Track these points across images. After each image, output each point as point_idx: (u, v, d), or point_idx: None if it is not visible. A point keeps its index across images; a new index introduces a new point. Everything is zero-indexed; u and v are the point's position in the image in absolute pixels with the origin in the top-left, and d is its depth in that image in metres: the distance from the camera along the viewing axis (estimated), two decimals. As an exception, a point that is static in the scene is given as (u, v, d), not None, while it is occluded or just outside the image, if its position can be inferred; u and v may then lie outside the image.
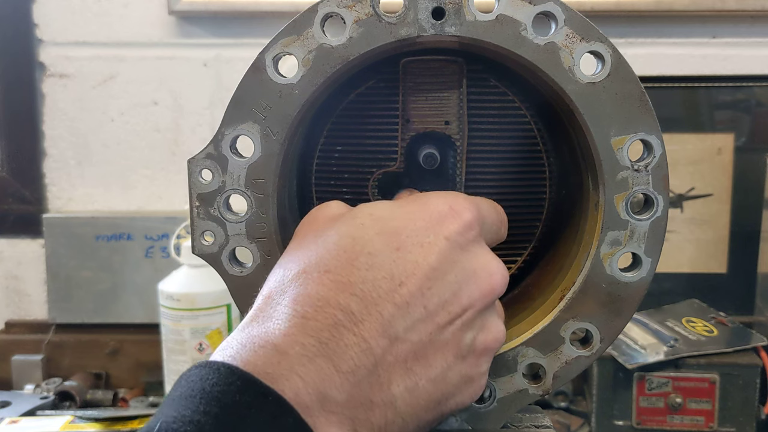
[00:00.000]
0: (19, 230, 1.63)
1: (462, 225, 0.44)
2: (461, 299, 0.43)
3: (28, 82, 1.58)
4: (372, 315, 0.40)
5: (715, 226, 1.58)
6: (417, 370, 0.41)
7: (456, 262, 0.43)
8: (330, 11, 0.48)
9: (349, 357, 0.39)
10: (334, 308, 0.40)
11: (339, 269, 0.41)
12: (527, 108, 0.57)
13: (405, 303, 0.41)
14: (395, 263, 0.42)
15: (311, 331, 0.39)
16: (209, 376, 0.37)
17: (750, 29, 1.53)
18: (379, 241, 0.42)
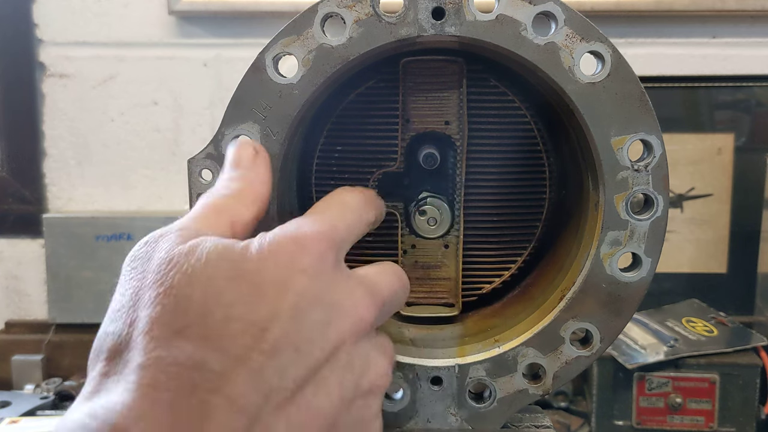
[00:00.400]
0: (19, 230, 1.63)
1: (316, 256, 0.40)
2: (330, 335, 0.39)
3: (28, 82, 1.58)
4: (237, 369, 0.35)
5: (715, 226, 1.58)
6: (303, 422, 0.37)
7: (317, 296, 0.39)
8: (330, 11, 0.48)
9: (215, 424, 0.34)
10: (190, 370, 0.35)
11: (192, 326, 0.36)
12: (527, 108, 0.57)
13: (273, 349, 0.37)
14: (254, 309, 0.37)
15: (163, 403, 0.34)
16: None
17: (750, 29, 1.53)
18: (232, 287, 0.37)
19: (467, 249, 0.59)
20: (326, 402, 0.38)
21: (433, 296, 0.59)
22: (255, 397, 0.35)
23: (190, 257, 0.38)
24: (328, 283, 0.40)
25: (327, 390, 0.39)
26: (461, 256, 0.58)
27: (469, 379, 0.53)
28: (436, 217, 0.57)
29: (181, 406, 0.34)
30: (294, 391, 0.37)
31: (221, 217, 0.44)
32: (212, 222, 0.43)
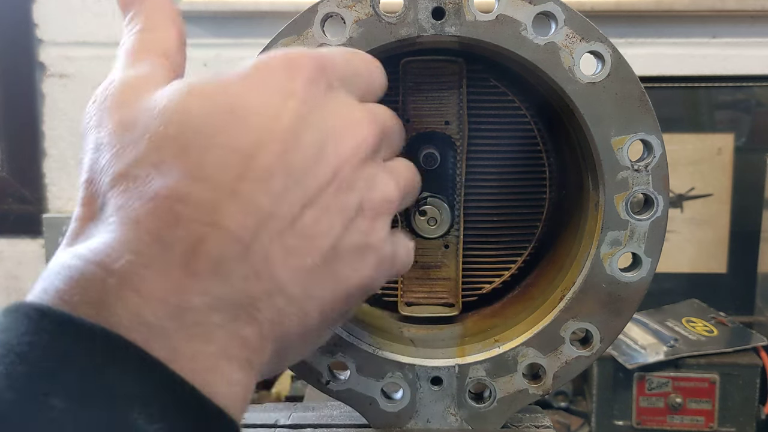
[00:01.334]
0: (19, 230, 1.63)
1: (306, 77, 0.37)
2: (328, 159, 0.37)
3: (28, 82, 1.58)
4: (226, 197, 0.33)
5: (715, 226, 1.58)
6: (301, 247, 0.35)
7: (309, 120, 0.36)
8: (330, 11, 0.48)
9: (206, 252, 0.32)
10: (174, 202, 0.32)
11: (170, 160, 0.33)
12: (527, 108, 0.57)
13: (264, 176, 0.34)
14: (242, 135, 0.34)
15: (147, 235, 0.31)
16: (14, 325, 0.29)
17: (750, 29, 1.53)
18: (218, 114, 0.35)
19: (467, 249, 0.59)
20: (326, 226, 0.36)
21: (433, 296, 0.59)
22: (248, 223, 0.33)
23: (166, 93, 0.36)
24: (322, 105, 0.37)
25: (328, 214, 0.36)
26: (461, 256, 0.58)
27: (469, 379, 0.53)
28: (436, 217, 0.57)
29: (169, 237, 0.32)
30: (292, 217, 0.35)
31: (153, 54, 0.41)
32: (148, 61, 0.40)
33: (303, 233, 0.35)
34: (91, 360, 0.28)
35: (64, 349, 0.28)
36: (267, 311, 0.34)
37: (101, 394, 0.28)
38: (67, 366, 0.28)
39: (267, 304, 0.34)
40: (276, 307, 0.34)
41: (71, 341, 0.28)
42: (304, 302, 0.36)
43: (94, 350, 0.28)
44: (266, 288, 0.34)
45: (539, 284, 0.59)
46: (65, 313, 0.29)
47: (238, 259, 0.33)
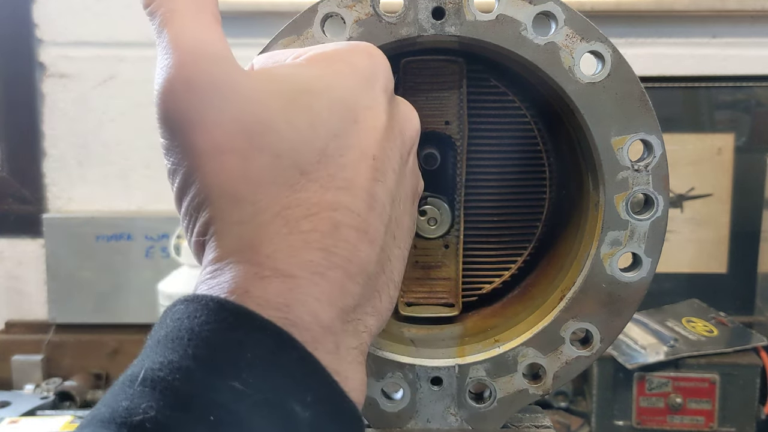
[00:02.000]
0: (19, 230, 1.63)
1: (387, 73, 0.41)
2: (407, 144, 0.41)
3: (28, 82, 1.58)
4: (364, 201, 0.36)
5: (715, 226, 1.58)
6: (399, 235, 0.39)
7: (394, 111, 0.40)
8: (330, 11, 0.48)
9: (358, 257, 0.35)
10: (328, 210, 0.35)
11: (314, 164, 0.35)
12: (527, 108, 0.57)
13: (382, 175, 0.37)
14: (360, 138, 0.37)
15: (316, 243, 0.34)
16: (197, 312, 0.32)
17: (750, 29, 1.53)
18: (335, 119, 0.36)
19: (467, 249, 0.59)
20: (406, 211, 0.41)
21: (433, 296, 0.59)
22: (379, 222, 0.37)
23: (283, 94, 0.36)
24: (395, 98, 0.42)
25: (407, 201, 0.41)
26: (461, 256, 0.58)
27: (469, 379, 0.53)
28: (436, 217, 0.57)
29: (331, 246, 0.35)
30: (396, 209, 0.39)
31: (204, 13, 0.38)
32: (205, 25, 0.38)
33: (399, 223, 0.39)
34: (262, 350, 0.31)
35: (240, 338, 0.31)
36: (385, 299, 0.38)
37: (268, 380, 0.31)
38: (242, 353, 0.31)
39: (385, 293, 0.38)
40: (389, 295, 0.38)
41: (245, 332, 0.32)
42: (399, 283, 0.40)
43: (264, 342, 0.32)
44: (384, 280, 0.38)
45: (539, 284, 0.59)
46: (243, 307, 0.32)
47: (374, 258, 0.36)
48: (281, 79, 0.37)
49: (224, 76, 0.35)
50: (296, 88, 0.36)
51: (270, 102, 0.35)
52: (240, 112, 0.34)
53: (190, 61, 0.35)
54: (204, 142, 0.34)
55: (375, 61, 0.40)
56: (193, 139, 0.34)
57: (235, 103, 0.34)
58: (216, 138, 0.34)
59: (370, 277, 0.36)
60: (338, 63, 0.39)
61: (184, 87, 0.34)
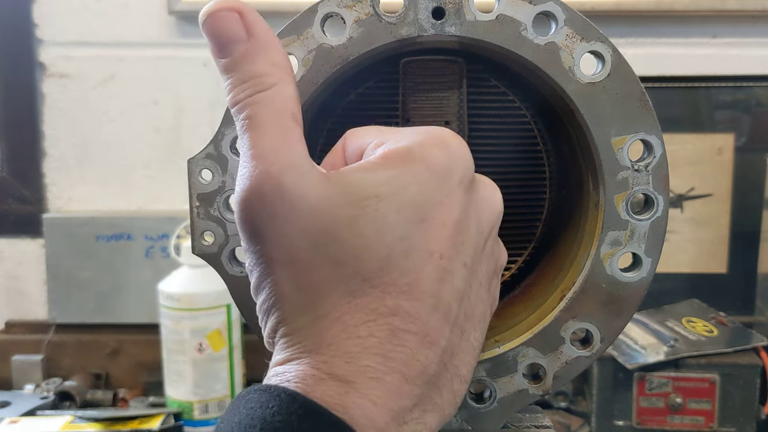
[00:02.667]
0: (19, 230, 1.63)
1: (465, 163, 0.40)
2: (485, 232, 0.41)
3: (28, 82, 1.58)
4: (426, 304, 0.37)
5: (715, 226, 1.58)
6: (468, 328, 0.40)
7: (471, 201, 0.40)
8: (330, 11, 0.48)
9: (416, 360, 0.36)
10: (387, 316, 0.36)
11: (376, 271, 0.36)
12: (527, 108, 0.57)
13: (449, 273, 0.37)
14: (426, 237, 0.37)
15: (374, 349, 0.35)
16: (270, 402, 0.34)
17: (750, 29, 1.53)
18: (402, 221, 0.37)
19: (467, 249, 0.59)
20: (481, 304, 0.41)
21: (433, 296, 0.59)
22: (443, 327, 0.37)
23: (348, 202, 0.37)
24: (474, 183, 0.41)
25: (480, 289, 0.41)
26: (461, 256, 0.58)
27: (469, 379, 0.53)
28: (436, 217, 0.57)
29: (389, 351, 0.36)
30: (465, 306, 0.39)
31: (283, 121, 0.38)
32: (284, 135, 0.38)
33: (470, 314, 0.40)
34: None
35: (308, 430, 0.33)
36: (447, 396, 0.39)
37: None
38: None
39: (448, 390, 0.39)
40: (453, 391, 0.39)
41: (314, 425, 0.33)
42: (468, 375, 0.40)
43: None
44: (448, 377, 0.39)
45: (539, 284, 0.59)
46: (313, 401, 0.34)
47: (437, 362, 0.37)
48: (351, 186, 0.37)
49: (294, 188, 0.36)
50: (365, 194, 0.37)
51: (337, 211, 0.37)
52: (306, 224, 0.36)
53: (265, 174, 0.37)
54: (272, 251, 0.37)
55: (451, 152, 0.40)
56: (263, 249, 0.37)
57: (303, 214, 0.36)
58: (282, 249, 0.36)
59: (430, 378, 0.37)
60: (413, 162, 0.39)
61: (257, 198, 0.37)
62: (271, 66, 0.39)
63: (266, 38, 0.40)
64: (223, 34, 0.39)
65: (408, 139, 0.40)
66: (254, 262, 0.38)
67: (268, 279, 0.37)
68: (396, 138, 0.41)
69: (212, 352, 1.33)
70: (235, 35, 0.39)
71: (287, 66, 0.40)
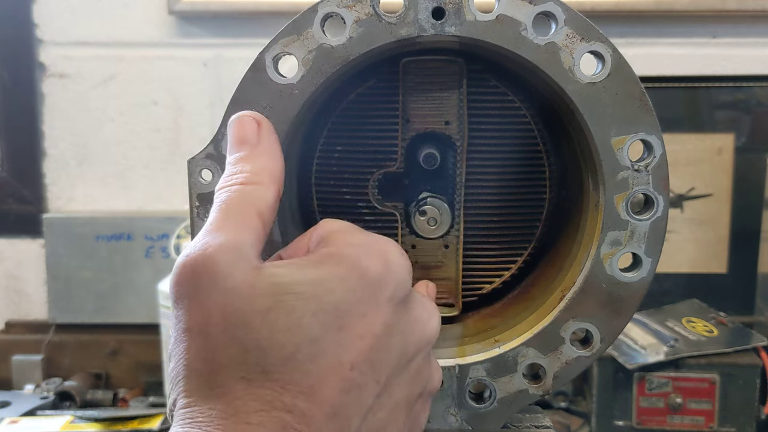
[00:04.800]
0: (19, 230, 1.63)
1: (401, 280, 0.41)
2: (409, 353, 0.41)
3: (28, 82, 1.58)
4: (322, 410, 0.36)
5: (715, 226, 1.58)
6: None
7: (399, 319, 0.40)
8: (330, 11, 0.48)
9: None
10: (281, 411, 0.36)
11: (278, 366, 0.36)
12: (527, 108, 0.57)
13: (357, 386, 0.37)
14: (341, 346, 0.37)
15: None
16: None
17: (750, 29, 1.53)
18: (318, 324, 0.37)
19: (467, 249, 0.59)
20: (395, 420, 0.41)
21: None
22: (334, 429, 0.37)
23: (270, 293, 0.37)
24: (406, 302, 0.41)
25: (398, 409, 0.41)
26: (461, 257, 0.58)
27: (469, 379, 0.53)
28: (436, 217, 0.57)
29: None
30: (372, 421, 0.39)
31: (248, 213, 0.41)
32: (241, 222, 0.40)
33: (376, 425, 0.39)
34: None
35: None
36: None
37: None
38: None
39: None
40: None
41: None
42: None
43: None
44: None
45: (539, 284, 0.59)
46: None
47: None
48: (276, 279, 0.38)
49: (224, 266, 0.38)
50: (286, 290, 0.38)
51: (256, 299, 0.37)
52: (223, 302, 0.37)
53: (205, 247, 0.38)
54: (188, 319, 0.38)
55: (389, 266, 0.40)
56: (182, 315, 0.38)
57: (224, 292, 0.37)
58: (197, 319, 0.37)
59: None
60: (346, 267, 0.39)
61: (190, 267, 0.38)
62: (262, 169, 0.43)
63: (270, 148, 0.45)
64: (242, 135, 0.45)
65: (351, 246, 0.41)
66: (173, 327, 0.39)
67: (180, 346, 0.38)
68: (345, 241, 0.42)
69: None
70: (250, 138, 0.45)
71: (277, 175, 0.44)
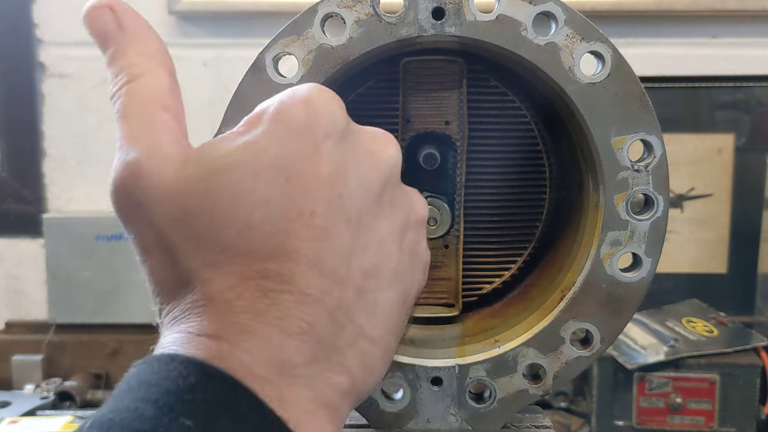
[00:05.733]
0: (19, 230, 1.63)
1: (330, 117, 0.38)
2: (374, 186, 0.38)
3: (28, 82, 1.58)
4: (299, 264, 0.35)
5: (715, 226, 1.58)
6: (371, 287, 0.38)
7: (346, 154, 0.38)
8: (330, 11, 0.48)
9: (296, 317, 0.35)
10: (255, 279, 0.35)
11: (236, 238, 0.35)
12: (527, 108, 0.57)
13: (325, 231, 0.36)
14: (293, 197, 0.36)
15: (242, 308, 0.35)
16: (148, 368, 0.33)
17: (750, 29, 1.53)
18: (262, 184, 0.36)
19: (467, 249, 0.59)
20: (387, 254, 0.39)
21: (433, 296, 0.59)
22: (323, 285, 0.36)
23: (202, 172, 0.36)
24: (349, 135, 0.39)
25: (385, 243, 0.39)
26: (461, 256, 0.58)
27: (469, 379, 0.53)
28: (436, 217, 0.57)
29: (260, 309, 0.35)
30: (357, 262, 0.37)
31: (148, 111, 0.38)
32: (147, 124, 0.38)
33: (370, 272, 0.38)
34: (221, 399, 0.33)
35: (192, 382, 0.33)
36: (353, 357, 0.37)
37: (224, 425, 0.32)
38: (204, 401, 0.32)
39: (353, 350, 0.37)
40: (361, 351, 0.37)
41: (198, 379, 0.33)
42: (382, 336, 0.39)
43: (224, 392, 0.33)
44: (350, 337, 0.37)
45: (539, 284, 0.59)
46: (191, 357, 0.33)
47: (322, 317, 0.36)
48: (206, 159, 0.37)
49: (152, 177, 0.36)
50: (219, 165, 0.36)
51: (192, 187, 0.36)
52: (165, 209, 0.36)
53: (125, 165, 0.37)
54: (142, 240, 0.37)
55: (313, 108, 0.37)
56: (136, 237, 0.37)
57: (162, 200, 0.36)
58: (149, 236, 0.37)
59: (322, 337, 0.36)
60: (269, 123, 0.37)
61: (122, 190, 0.37)
62: (138, 57, 0.39)
63: (135, 30, 0.40)
64: (101, 30, 0.40)
65: (267, 102, 0.38)
66: (135, 250, 0.38)
67: (145, 266, 0.37)
68: (263, 104, 0.39)
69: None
70: (109, 30, 0.40)
71: (157, 55, 0.40)
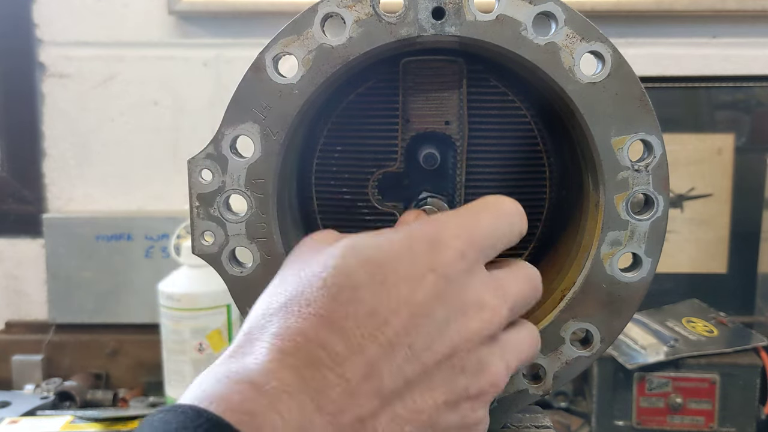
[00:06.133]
0: (19, 230, 1.63)
1: (451, 256, 0.41)
2: (451, 338, 0.40)
3: (28, 82, 1.58)
4: (355, 355, 0.37)
5: (715, 226, 1.58)
6: (403, 415, 0.39)
7: (445, 297, 0.40)
8: (330, 11, 0.48)
9: (333, 398, 0.37)
10: (315, 345, 0.37)
11: (320, 303, 0.39)
12: (527, 108, 0.57)
13: (389, 343, 0.38)
14: (379, 298, 0.39)
15: (291, 366, 0.37)
16: (173, 420, 0.35)
17: (750, 29, 1.53)
18: (362, 273, 0.39)
19: (467, 249, 0.58)
20: (430, 403, 0.40)
21: (433, 296, 0.59)
22: (367, 386, 0.37)
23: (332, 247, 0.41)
24: (457, 284, 0.41)
25: (432, 392, 0.40)
26: (461, 256, 0.58)
27: (469, 379, 0.53)
28: (436, 217, 0.57)
29: (307, 375, 0.36)
30: (404, 386, 0.39)
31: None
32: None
33: (410, 405, 0.39)
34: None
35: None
36: None
37: None
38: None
39: None
40: None
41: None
42: None
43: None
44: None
45: (539, 284, 0.59)
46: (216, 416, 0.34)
47: (354, 415, 0.37)
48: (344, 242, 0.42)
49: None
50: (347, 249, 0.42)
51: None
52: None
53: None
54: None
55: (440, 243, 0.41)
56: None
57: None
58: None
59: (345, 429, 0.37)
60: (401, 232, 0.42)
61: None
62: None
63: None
64: None
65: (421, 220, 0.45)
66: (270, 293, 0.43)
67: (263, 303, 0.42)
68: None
69: (212, 352, 1.33)
70: None
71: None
